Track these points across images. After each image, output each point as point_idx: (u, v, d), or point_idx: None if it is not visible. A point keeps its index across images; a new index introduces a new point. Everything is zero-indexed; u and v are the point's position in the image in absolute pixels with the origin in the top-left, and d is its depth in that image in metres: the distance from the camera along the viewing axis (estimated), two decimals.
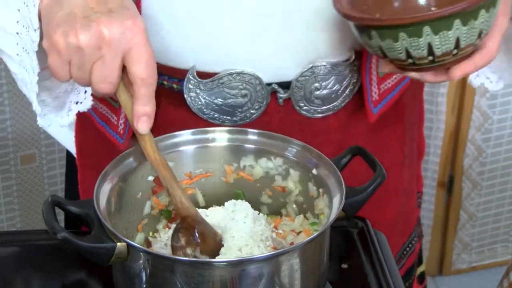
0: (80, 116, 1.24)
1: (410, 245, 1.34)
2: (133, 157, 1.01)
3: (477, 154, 2.37)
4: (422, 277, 1.43)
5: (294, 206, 1.05)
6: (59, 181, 2.15)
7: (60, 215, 0.95)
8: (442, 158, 2.36)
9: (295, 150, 1.04)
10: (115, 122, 1.15)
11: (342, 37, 1.11)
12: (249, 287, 0.89)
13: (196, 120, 1.12)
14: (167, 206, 1.04)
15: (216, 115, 1.12)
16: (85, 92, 1.02)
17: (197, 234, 0.96)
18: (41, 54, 0.95)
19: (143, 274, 0.91)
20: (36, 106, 1.00)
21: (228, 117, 1.12)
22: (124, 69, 0.91)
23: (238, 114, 1.12)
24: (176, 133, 1.05)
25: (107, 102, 1.16)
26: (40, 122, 1.03)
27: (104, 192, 0.96)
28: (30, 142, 2.08)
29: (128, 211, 1.01)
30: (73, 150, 1.30)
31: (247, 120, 1.12)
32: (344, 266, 1.05)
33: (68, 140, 1.31)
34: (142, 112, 0.92)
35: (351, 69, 1.13)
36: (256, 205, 1.05)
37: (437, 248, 2.51)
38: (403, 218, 1.31)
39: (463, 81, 2.25)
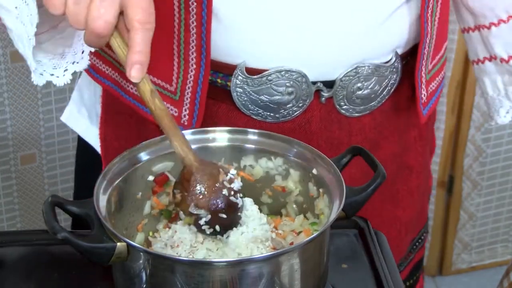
0: (105, 108, 1.23)
1: (420, 240, 1.36)
2: (133, 157, 1.01)
3: (477, 154, 2.36)
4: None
5: (294, 206, 1.05)
6: (59, 181, 2.15)
7: (61, 215, 0.95)
8: (442, 158, 2.36)
9: (295, 150, 1.04)
10: None
11: (386, 40, 1.13)
12: (249, 287, 0.89)
13: (238, 116, 1.13)
14: (167, 206, 1.04)
15: (260, 111, 1.13)
16: (82, 52, 1.00)
17: (192, 188, 0.94)
18: (41, 13, 0.93)
19: (143, 274, 0.91)
20: (31, 62, 0.97)
21: (271, 114, 1.13)
22: (119, 15, 0.90)
23: (281, 111, 1.13)
24: None
25: None
26: (35, 79, 0.99)
27: (104, 192, 0.96)
28: (30, 142, 2.08)
29: (128, 211, 1.01)
30: (96, 144, 1.29)
31: (289, 117, 1.13)
32: (344, 266, 1.05)
33: (91, 135, 1.30)
34: (136, 59, 0.90)
35: (391, 71, 1.15)
36: (256, 205, 1.05)
37: (437, 248, 2.50)
38: (418, 214, 1.33)
39: (463, 81, 2.24)
